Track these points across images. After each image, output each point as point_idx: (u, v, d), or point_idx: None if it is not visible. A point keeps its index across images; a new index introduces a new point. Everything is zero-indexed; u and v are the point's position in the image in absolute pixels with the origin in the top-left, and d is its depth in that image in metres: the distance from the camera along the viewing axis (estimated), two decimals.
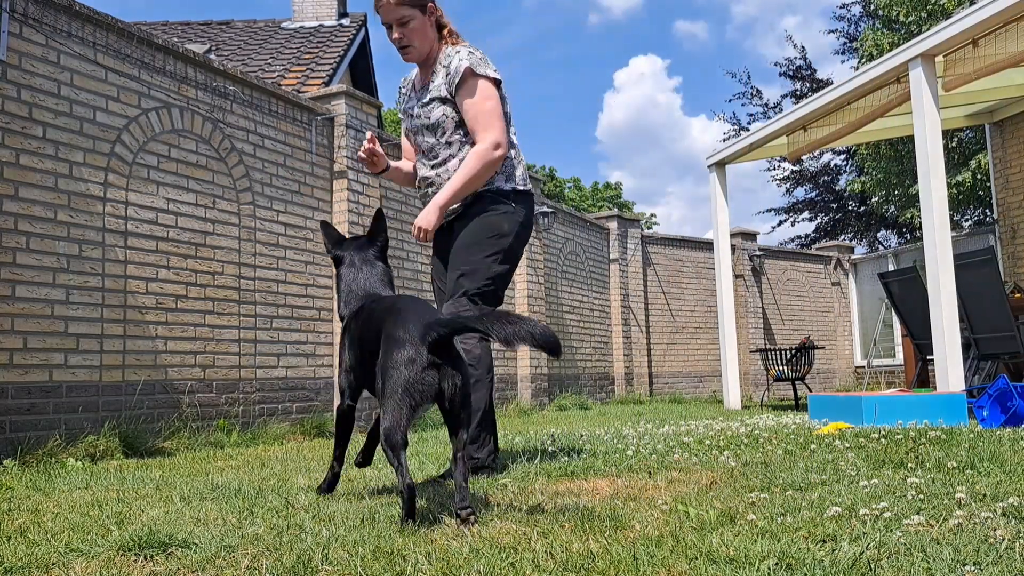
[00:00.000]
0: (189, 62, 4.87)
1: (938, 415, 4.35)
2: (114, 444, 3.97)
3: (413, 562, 1.51)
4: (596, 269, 10.14)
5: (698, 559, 1.46)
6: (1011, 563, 1.38)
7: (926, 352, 6.47)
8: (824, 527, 1.68)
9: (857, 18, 18.07)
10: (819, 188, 19.38)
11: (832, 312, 12.91)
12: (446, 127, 2.84)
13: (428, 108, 2.85)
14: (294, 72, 9.89)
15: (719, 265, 8.29)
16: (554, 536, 1.70)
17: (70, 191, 4.13)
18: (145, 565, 1.61)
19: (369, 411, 5.88)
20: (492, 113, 2.78)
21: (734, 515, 1.85)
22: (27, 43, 3.99)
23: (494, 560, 1.50)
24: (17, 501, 2.49)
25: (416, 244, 6.78)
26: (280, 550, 1.66)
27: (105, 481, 2.98)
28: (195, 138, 4.88)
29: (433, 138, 2.87)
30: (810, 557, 1.43)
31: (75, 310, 4.10)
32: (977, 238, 9.73)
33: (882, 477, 2.36)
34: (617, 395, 10.24)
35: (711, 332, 11.55)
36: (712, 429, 4.42)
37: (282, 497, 2.39)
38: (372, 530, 1.82)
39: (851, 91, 6.46)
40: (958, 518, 1.69)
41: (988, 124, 9.04)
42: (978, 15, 5.30)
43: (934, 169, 5.53)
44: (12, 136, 3.89)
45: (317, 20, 12.53)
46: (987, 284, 5.76)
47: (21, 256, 3.88)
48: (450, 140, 2.86)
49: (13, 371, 3.81)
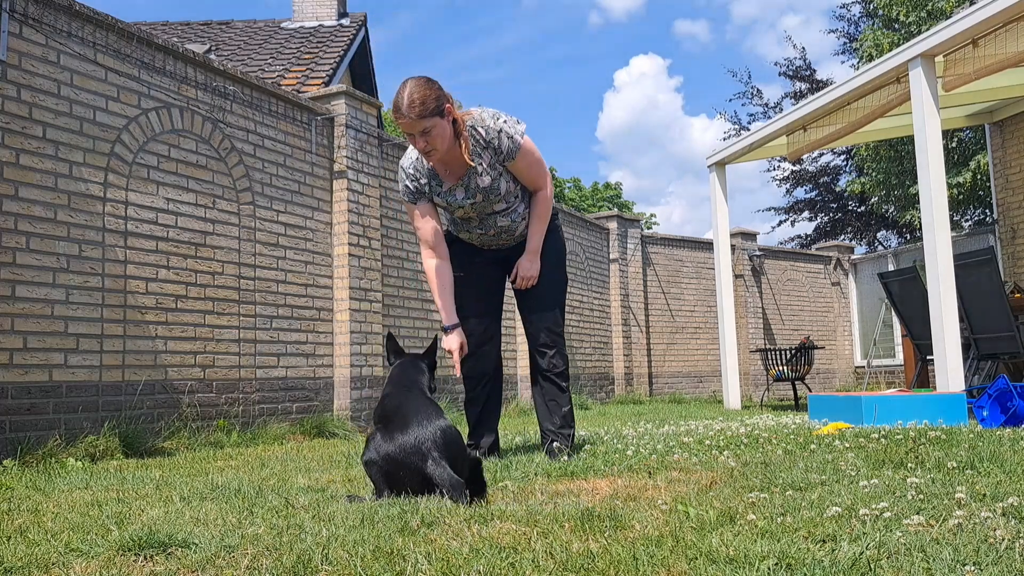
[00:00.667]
0: (189, 62, 4.87)
1: (938, 415, 4.35)
2: (114, 444, 3.97)
3: (413, 562, 1.51)
4: (596, 269, 10.14)
5: (698, 559, 1.46)
6: (1011, 563, 1.38)
7: (926, 352, 6.47)
8: (824, 527, 1.68)
9: (857, 18, 18.08)
10: (819, 188, 19.38)
11: (832, 312, 12.92)
12: (510, 189, 3.18)
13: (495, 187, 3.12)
14: (294, 72, 9.89)
15: (719, 265, 8.29)
16: (554, 536, 1.70)
17: (70, 191, 4.13)
18: (145, 565, 1.61)
19: (368, 412, 5.89)
20: (540, 163, 3.22)
21: (734, 515, 1.84)
22: (27, 43, 3.99)
23: (494, 560, 1.50)
24: (17, 501, 2.49)
25: (416, 244, 6.79)
26: (280, 550, 1.66)
27: (105, 481, 2.98)
28: (195, 138, 4.88)
29: (504, 203, 3.19)
30: (810, 557, 1.43)
31: (75, 310, 4.10)
32: (977, 238, 9.73)
33: (882, 477, 2.36)
34: (617, 395, 10.24)
35: (711, 332, 11.55)
36: (712, 429, 4.42)
37: (282, 497, 2.39)
38: (372, 530, 1.82)
39: (851, 91, 6.46)
40: (958, 518, 1.69)
41: (988, 124, 9.04)
42: (978, 15, 5.30)
43: (934, 169, 5.53)
44: (12, 136, 3.89)
45: (317, 20, 12.53)
46: (987, 284, 5.76)
47: (21, 256, 3.88)
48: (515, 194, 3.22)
49: (13, 371, 3.81)
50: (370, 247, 6.09)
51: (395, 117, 2.87)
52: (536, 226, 3.23)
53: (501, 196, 3.14)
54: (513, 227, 3.25)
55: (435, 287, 3.19)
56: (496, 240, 3.29)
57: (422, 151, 2.93)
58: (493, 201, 3.15)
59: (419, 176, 3.14)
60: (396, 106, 2.85)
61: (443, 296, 3.18)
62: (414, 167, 3.15)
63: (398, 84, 2.92)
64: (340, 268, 5.88)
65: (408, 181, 3.16)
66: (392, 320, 6.38)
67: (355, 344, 5.82)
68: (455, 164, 3.07)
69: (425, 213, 3.18)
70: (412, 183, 3.16)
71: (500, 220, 3.22)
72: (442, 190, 3.14)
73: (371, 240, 6.11)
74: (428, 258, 3.21)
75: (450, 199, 3.15)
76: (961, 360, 5.38)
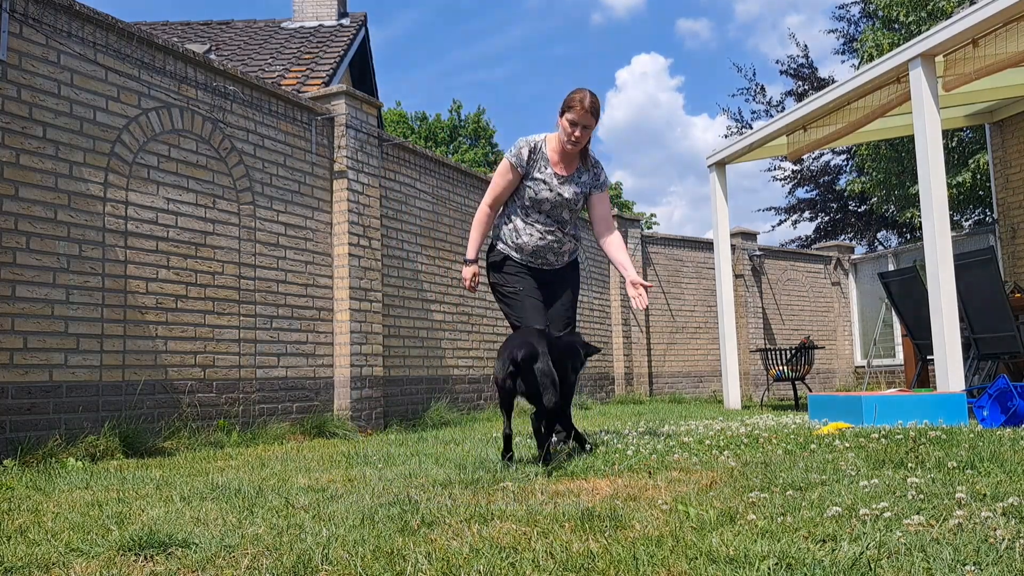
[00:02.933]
0: (189, 62, 4.87)
1: (938, 415, 4.35)
2: (114, 444, 3.97)
3: (413, 562, 1.51)
4: (596, 269, 10.14)
5: (698, 559, 1.46)
6: (1011, 563, 1.38)
7: (926, 352, 6.47)
8: (824, 527, 1.68)
9: (857, 18, 18.07)
10: (819, 188, 19.37)
11: (832, 312, 12.92)
12: (577, 209, 3.79)
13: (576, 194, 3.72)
14: (294, 72, 9.89)
15: (719, 265, 8.29)
16: (554, 536, 1.70)
17: (70, 191, 4.13)
18: (145, 565, 1.61)
19: (368, 412, 5.87)
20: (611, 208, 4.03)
21: (734, 515, 1.84)
22: (27, 43, 3.99)
23: (494, 560, 1.50)
24: (17, 501, 2.49)
25: (416, 244, 6.79)
26: (280, 550, 1.66)
27: (105, 481, 2.98)
28: (195, 138, 4.88)
29: (568, 214, 3.75)
30: (810, 557, 1.43)
31: (75, 310, 4.10)
32: (977, 238, 9.73)
33: (882, 477, 2.36)
34: (617, 395, 10.24)
35: (711, 332, 11.55)
36: (712, 429, 4.42)
37: (282, 497, 2.39)
38: (372, 530, 1.82)
39: (851, 91, 6.46)
40: (958, 518, 1.69)
41: (988, 124, 9.04)
42: (978, 15, 5.30)
43: (934, 169, 5.53)
44: (12, 136, 3.89)
45: (317, 20, 12.53)
46: (987, 284, 5.76)
47: (21, 256, 3.88)
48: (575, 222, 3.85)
49: (13, 371, 3.81)
50: (370, 247, 6.09)
51: (576, 108, 3.52)
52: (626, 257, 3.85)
53: (573, 211, 3.75)
54: (559, 245, 3.76)
55: (477, 225, 3.78)
56: (544, 251, 3.74)
57: (576, 139, 3.56)
58: (569, 207, 3.72)
59: (535, 155, 3.68)
60: (580, 102, 3.52)
61: (478, 235, 3.78)
62: (537, 146, 3.70)
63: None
64: (340, 268, 5.88)
65: (525, 149, 3.67)
66: (392, 320, 6.38)
67: (355, 344, 5.82)
68: (570, 163, 3.72)
69: (512, 181, 3.70)
70: (527, 153, 3.67)
71: (558, 232, 3.74)
72: (547, 172, 3.67)
73: (371, 240, 6.11)
74: (485, 206, 3.78)
75: (549, 181, 3.66)
76: (961, 360, 5.37)
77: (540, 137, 3.71)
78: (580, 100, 3.53)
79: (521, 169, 3.66)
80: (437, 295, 7.00)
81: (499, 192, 3.73)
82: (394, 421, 6.14)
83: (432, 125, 27.88)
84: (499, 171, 3.73)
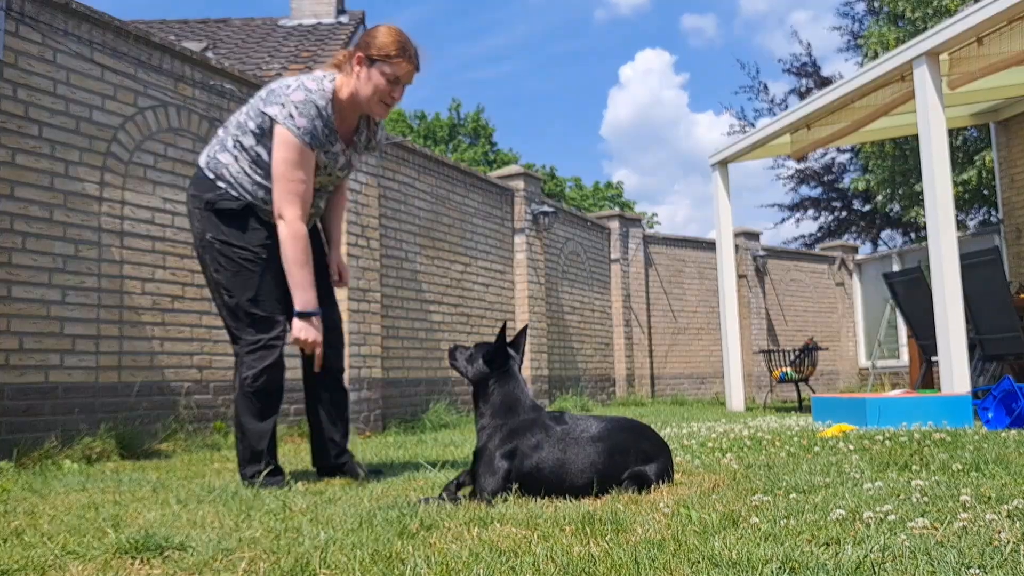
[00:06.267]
0: (186, 60, 4.85)
1: (943, 417, 4.33)
2: (110, 446, 3.95)
3: (412, 566, 1.49)
4: (597, 269, 10.11)
5: (700, 563, 1.44)
6: (1016, 566, 1.36)
7: (931, 353, 6.44)
8: (828, 530, 1.66)
9: (861, 16, 18.06)
10: (823, 186, 19.35)
11: (836, 313, 12.89)
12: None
13: (354, 163, 2.99)
14: (292, 70, 9.87)
15: (722, 265, 8.26)
16: (555, 540, 1.68)
17: (66, 190, 4.11)
18: (141, 568, 1.59)
19: (367, 413, 5.86)
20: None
21: (737, 518, 1.82)
22: (24, 41, 3.97)
23: (494, 564, 1.48)
24: (13, 503, 2.47)
25: (415, 244, 6.76)
26: (277, 553, 1.64)
27: (101, 483, 2.96)
28: (192, 137, 4.86)
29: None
30: (814, 560, 1.41)
31: (71, 310, 4.08)
32: (982, 238, 9.70)
33: (886, 480, 2.34)
34: (618, 397, 10.22)
35: (714, 333, 11.52)
36: (715, 431, 4.39)
37: (279, 500, 2.37)
38: (370, 533, 1.80)
39: (855, 89, 6.44)
40: (963, 521, 1.68)
41: (993, 123, 9.02)
42: (983, 13, 5.27)
43: (939, 168, 5.50)
44: (8, 135, 3.87)
45: (315, 18, 12.51)
46: (992, 284, 5.73)
47: (17, 256, 3.86)
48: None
49: (9, 372, 3.79)
50: (368, 247, 6.07)
51: (402, 60, 2.71)
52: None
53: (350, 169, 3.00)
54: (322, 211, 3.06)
55: (304, 259, 2.71)
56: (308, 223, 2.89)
57: (391, 102, 2.78)
58: (344, 177, 3.01)
59: (327, 122, 2.75)
60: (406, 50, 2.71)
61: (311, 271, 2.74)
62: (327, 110, 2.74)
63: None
64: None
65: (318, 120, 2.72)
66: (391, 321, 6.35)
67: (354, 345, 5.80)
68: (349, 128, 2.87)
69: (314, 166, 2.78)
70: (320, 124, 2.73)
71: (325, 197, 3.01)
72: (332, 149, 2.83)
73: (369, 240, 6.09)
74: (303, 221, 2.74)
75: (331, 160, 2.85)
76: (966, 361, 5.34)
77: (328, 95, 2.76)
78: (404, 49, 2.70)
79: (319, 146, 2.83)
80: (436, 296, 6.98)
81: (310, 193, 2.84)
82: (393, 423, 6.11)
83: (431, 124, 27.88)
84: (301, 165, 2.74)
